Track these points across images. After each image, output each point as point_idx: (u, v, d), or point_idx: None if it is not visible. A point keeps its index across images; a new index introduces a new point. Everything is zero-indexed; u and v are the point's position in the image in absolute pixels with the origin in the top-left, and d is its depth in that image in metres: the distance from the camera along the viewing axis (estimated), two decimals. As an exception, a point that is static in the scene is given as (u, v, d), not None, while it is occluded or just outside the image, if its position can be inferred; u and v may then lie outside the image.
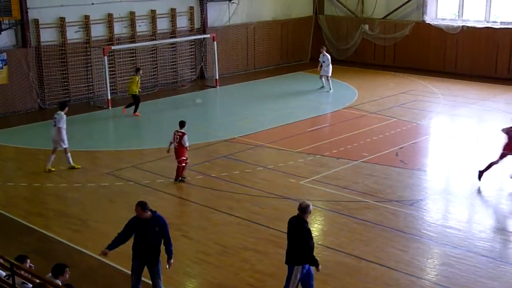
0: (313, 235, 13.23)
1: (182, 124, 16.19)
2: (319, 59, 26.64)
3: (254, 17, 31.29)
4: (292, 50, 33.28)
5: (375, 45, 31.87)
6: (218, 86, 27.87)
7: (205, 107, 25.15)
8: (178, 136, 16.04)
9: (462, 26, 29.27)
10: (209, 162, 17.87)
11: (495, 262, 11.80)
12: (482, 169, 15.85)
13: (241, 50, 30.96)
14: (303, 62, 33.26)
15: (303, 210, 9.84)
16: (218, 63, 28.12)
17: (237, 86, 28.45)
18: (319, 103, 24.83)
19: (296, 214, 9.90)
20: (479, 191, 15.70)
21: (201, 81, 28.64)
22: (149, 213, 9.97)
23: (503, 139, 16.03)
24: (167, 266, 10.17)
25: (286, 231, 13.21)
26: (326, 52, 27.09)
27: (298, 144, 19.23)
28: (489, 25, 28.79)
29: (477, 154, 18.83)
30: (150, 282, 10.28)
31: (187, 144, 16.04)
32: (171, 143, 16.24)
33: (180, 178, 16.20)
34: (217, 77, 28.01)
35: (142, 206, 9.92)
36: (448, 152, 19.10)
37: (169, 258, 10.13)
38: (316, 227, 13.97)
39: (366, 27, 31.96)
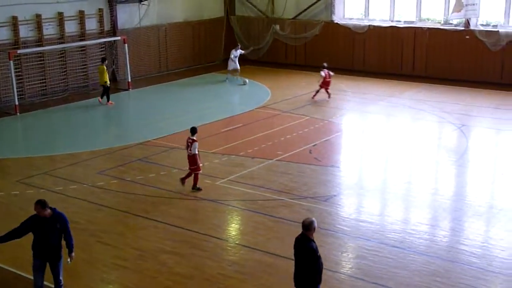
0: (230, 234, 13.40)
1: (193, 130, 15.70)
2: (231, 55, 27.62)
3: (165, 18, 31.03)
4: (204, 51, 33.23)
5: (287, 45, 32.33)
6: (130, 89, 27.46)
7: (118, 110, 24.70)
8: (188, 143, 15.69)
9: (369, 25, 30.18)
10: (124, 166, 17.57)
11: (405, 252, 12.23)
12: None
13: (154, 52, 30.63)
14: (216, 63, 33.29)
15: (307, 227, 9.03)
16: (130, 65, 27.72)
17: (151, 88, 28.13)
18: (232, 104, 24.93)
19: (300, 233, 9.20)
20: (389, 185, 16.22)
21: (113, 84, 28.12)
22: (49, 210, 9.87)
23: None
24: (69, 260, 10.10)
25: (204, 232, 13.26)
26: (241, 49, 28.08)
27: (213, 145, 19.23)
28: (394, 24, 29.84)
29: (387, 149, 19.44)
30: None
31: (195, 152, 15.56)
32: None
33: (197, 187, 15.61)
34: (130, 80, 27.61)
35: (41, 204, 9.81)
36: (360, 148, 19.62)
37: (70, 251, 10.09)
38: (233, 226, 14.02)
39: (277, 27, 32.38)
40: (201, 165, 15.80)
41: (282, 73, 30.50)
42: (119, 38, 27.65)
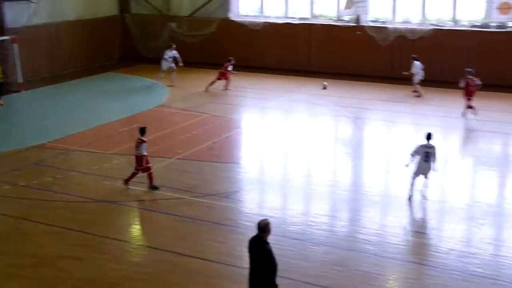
0: (132, 236, 13.25)
1: (142, 130, 15.29)
2: (165, 55, 27.21)
3: (57, 16, 30.05)
4: (99, 50, 32.49)
5: (184, 42, 32.17)
6: (22, 91, 26.44)
7: (10, 112, 23.72)
8: (137, 143, 15.27)
9: (264, 22, 30.62)
10: (18, 170, 16.93)
11: (305, 243, 12.58)
12: None
13: (45, 52, 29.59)
14: (112, 62, 32.66)
15: (262, 228, 8.93)
16: (20, 66, 26.67)
17: (44, 89, 27.20)
18: (130, 103, 24.55)
19: (255, 234, 9.10)
20: (289, 179, 16.58)
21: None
22: None
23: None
24: None
25: (104, 234, 13.02)
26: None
27: (111, 145, 18.90)
28: (289, 20, 30.43)
29: (287, 144, 19.85)
30: None
31: (143, 152, 15.15)
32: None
33: (153, 185, 15.30)
34: (21, 81, 26.57)
35: None
36: (260, 144, 19.91)
37: None
38: (134, 227, 13.87)
39: (174, 25, 32.18)
40: (150, 165, 15.46)
41: (180, 71, 30.34)
42: (7, 37, 26.53)
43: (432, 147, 14.64)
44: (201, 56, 31.98)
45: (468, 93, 21.82)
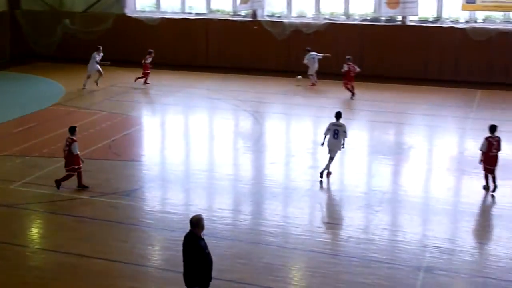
0: (30, 239, 12.77)
1: (72, 130, 15.09)
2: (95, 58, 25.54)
3: None
4: (-12, 48, 31.00)
5: (80, 39, 31.23)
6: None
7: None
8: (67, 143, 14.81)
9: (161, 17, 30.28)
10: None
11: (209, 238, 12.35)
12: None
13: None
14: (3, 61, 31.18)
15: (194, 224, 8.90)
16: None
17: None
18: (24, 103, 23.58)
19: (189, 230, 9.00)
20: (190, 175, 16.53)
21: None
22: None
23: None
24: None
25: (1, 240, 12.45)
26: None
27: (4, 147, 18.11)
28: (185, 16, 30.26)
29: (187, 139, 19.77)
30: None
31: (75, 152, 14.68)
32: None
33: (82, 185, 14.89)
34: None
35: None
36: (161, 140, 19.72)
37: None
38: (32, 231, 13.38)
39: (67, 21, 31.14)
40: (81, 164, 15.03)
41: (76, 68, 29.44)
42: None
43: (341, 125, 15.60)
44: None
45: (349, 79, 23.64)
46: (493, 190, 14.86)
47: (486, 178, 15.04)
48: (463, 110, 22.61)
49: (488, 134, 15.11)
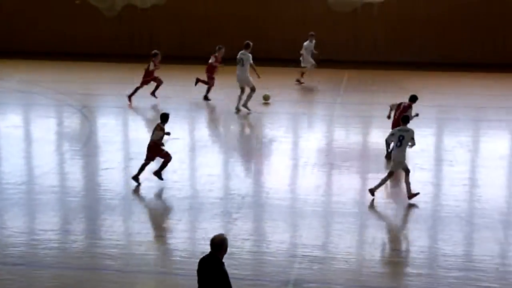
0: None
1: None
2: None
3: None
4: None
5: None
6: None
7: None
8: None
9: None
10: None
11: (27, 268, 12.00)
12: None
13: None
14: None
15: (217, 246, 8.60)
16: None
17: None
18: None
19: (208, 253, 8.67)
20: (2, 191, 15.82)
21: None
22: None
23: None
24: None
25: None
26: None
27: None
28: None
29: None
30: None
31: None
32: None
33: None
34: None
35: None
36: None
37: None
38: None
39: None
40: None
41: None
42: None
43: (408, 130, 15.02)
44: None
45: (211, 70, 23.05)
46: None
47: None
48: (329, 94, 23.42)
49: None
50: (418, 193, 14.72)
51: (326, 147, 18.77)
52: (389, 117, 17.76)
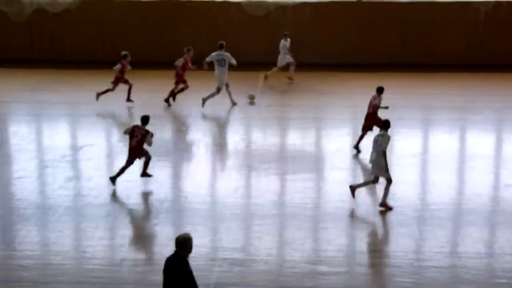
0: None
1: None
2: None
3: None
4: None
5: None
6: None
7: None
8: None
9: None
10: None
11: None
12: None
13: None
14: None
15: (180, 244, 8.69)
16: None
17: None
18: None
19: (173, 252, 8.72)
20: None
21: None
22: None
23: None
24: None
25: None
26: None
27: None
28: None
29: None
30: None
31: None
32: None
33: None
34: None
35: None
36: None
37: None
38: None
39: None
40: None
41: None
42: None
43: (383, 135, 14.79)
44: None
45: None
46: None
47: None
48: (245, 96, 23.37)
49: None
50: (391, 208, 14.58)
51: (244, 150, 18.85)
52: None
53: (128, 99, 22.03)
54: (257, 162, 17.56)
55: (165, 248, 12.96)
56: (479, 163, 15.55)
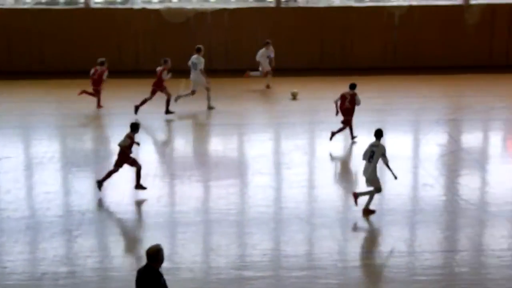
0: None
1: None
2: None
3: None
4: None
5: None
6: None
7: None
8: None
9: None
10: None
11: None
12: None
13: None
14: None
15: (152, 256, 8.66)
16: None
17: None
18: None
19: (145, 264, 8.73)
20: None
21: None
22: None
23: None
24: None
25: None
26: None
27: None
28: None
29: None
30: None
31: None
32: None
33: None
34: None
35: None
36: None
37: None
38: None
39: None
40: None
41: None
42: None
43: (378, 145, 14.57)
44: None
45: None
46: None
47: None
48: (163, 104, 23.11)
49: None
50: (374, 211, 14.66)
51: (167, 158, 18.77)
52: (336, 113, 19.02)
53: (99, 106, 22.85)
54: (180, 170, 17.50)
55: (88, 259, 12.84)
56: (398, 164, 15.85)
